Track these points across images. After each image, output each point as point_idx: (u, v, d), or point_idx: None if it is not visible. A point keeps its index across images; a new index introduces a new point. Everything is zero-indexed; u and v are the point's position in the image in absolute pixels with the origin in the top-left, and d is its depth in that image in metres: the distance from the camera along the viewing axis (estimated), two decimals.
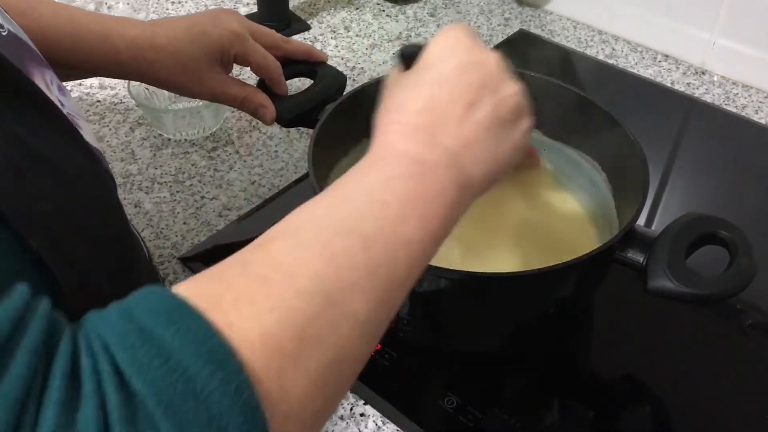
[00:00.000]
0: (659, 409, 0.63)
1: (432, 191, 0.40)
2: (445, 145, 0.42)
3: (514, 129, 0.46)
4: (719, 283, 0.54)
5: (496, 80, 0.45)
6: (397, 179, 0.40)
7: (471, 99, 0.44)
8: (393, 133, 0.43)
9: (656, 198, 0.80)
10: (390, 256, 0.37)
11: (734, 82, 0.97)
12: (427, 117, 0.43)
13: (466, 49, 0.46)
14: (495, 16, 1.09)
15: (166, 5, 1.08)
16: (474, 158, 0.43)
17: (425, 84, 0.44)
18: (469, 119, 0.43)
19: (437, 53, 0.46)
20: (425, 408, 0.59)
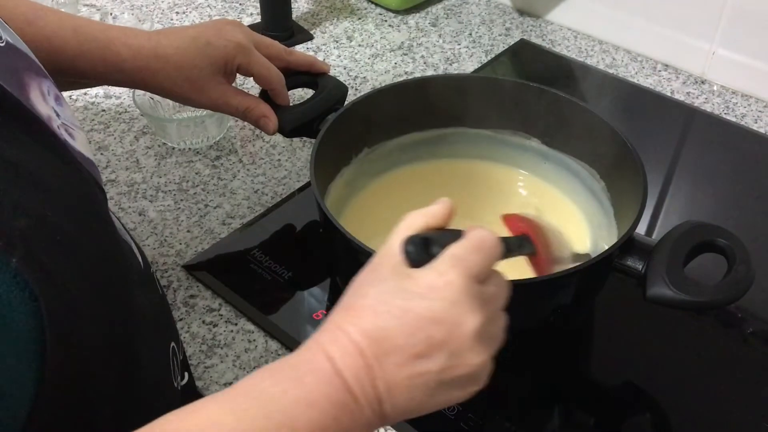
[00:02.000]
0: (660, 417, 0.63)
1: (343, 427, 0.39)
2: (376, 384, 0.40)
3: (456, 391, 0.43)
4: (717, 290, 0.54)
5: (461, 345, 0.41)
6: (316, 406, 0.38)
7: (420, 351, 0.40)
8: (337, 342, 0.40)
9: (657, 206, 0.81)
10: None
11: (734, 91, 0.97)
12: (373, 348, 0.40)
13: (453, 302, 0.41)
14: (496, 25, 1.10)
15: (171, 15, 1.09)
16: (396, 405, 0.41)
17: (394, 309, 0.41)
18: (410, 369, 0.40)
19: (431, 281, 0.42)
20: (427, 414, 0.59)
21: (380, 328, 0.40)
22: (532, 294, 0.58)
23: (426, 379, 0.41)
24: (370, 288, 0.42)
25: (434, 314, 0.41)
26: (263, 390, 0.38)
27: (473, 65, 1.01)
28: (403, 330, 0.40)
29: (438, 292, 0.41)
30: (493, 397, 0.61)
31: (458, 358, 0.41)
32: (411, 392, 0.41)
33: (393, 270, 0.43)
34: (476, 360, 0.42)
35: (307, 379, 0.39)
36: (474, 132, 0.77)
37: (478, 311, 0.42)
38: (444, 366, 0.41)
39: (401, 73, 0.99)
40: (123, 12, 1.09)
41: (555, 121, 0.72)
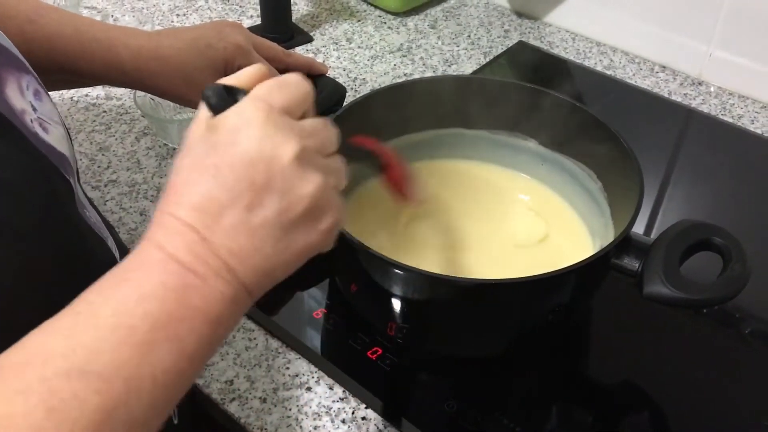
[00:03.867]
0: (658, 415, 0.63)
1: (193, 307, 0.36)
2: (217, 252, 0.38)
3: (308, 231, 0.40)
4: (713, 288, 0.55)
5: (287, 179, 0.39)
6: (152, 297, 0.36)
7: (251, 201, 0.38)
8: (165, 227, 0.38)
9: (655, 206, 0.81)
10: (131, 395, 0.33)
11: (730, 92, 0.98)
12: (200, 217, 0.38)
13: (261, 136, 0.39)
14: (495, 27, 1.10)
15: (171, 17, 1.10)
16: (250, 268, 0.39)
17: (208, 169, 0.39)
18: (246, 224, 0.38)
19: (234, 123, 0.40)
20: (426, 412, 0.60)
21: (200, 195, 0.38)
22: (529, 293, 0.58)
23: (268, 229, 0.39)
24: (182, 162, 0.40)
25: (246, 156, 0.39)
26: (90, 302, 0.36)
27: (472, 67, 1.01)
28: (222, 187, 0.38)
29: (243, 132, 0.39)
30: (493, 395, 0.62)
31: (290, 193, 0.39)
32: (258, 249, 0.39)
33: (200, 133, 0.41)
34: (309, 188, 0.40)
35: (133, 275, 0.37)
36: (472, 133, 0.77)
37: (291, 140, 0.39)
38: (279, 207, 0.39)
39: (400, 75, 1.00)
40: (124, 14, 1.10)
41: (552, 122, 0.73)
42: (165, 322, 0.35)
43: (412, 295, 0.59)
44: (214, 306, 0.37)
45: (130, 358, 0.34)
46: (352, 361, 0.63)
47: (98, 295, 0.36)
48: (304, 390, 0.62)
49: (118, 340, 0.34)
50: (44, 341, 0.34)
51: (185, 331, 0.36)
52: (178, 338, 0.36)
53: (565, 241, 0.71)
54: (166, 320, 0.35)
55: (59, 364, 0.33)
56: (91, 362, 0.33)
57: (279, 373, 0.63)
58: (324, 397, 0.61)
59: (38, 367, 0.32)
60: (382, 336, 0.64)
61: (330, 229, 0.42)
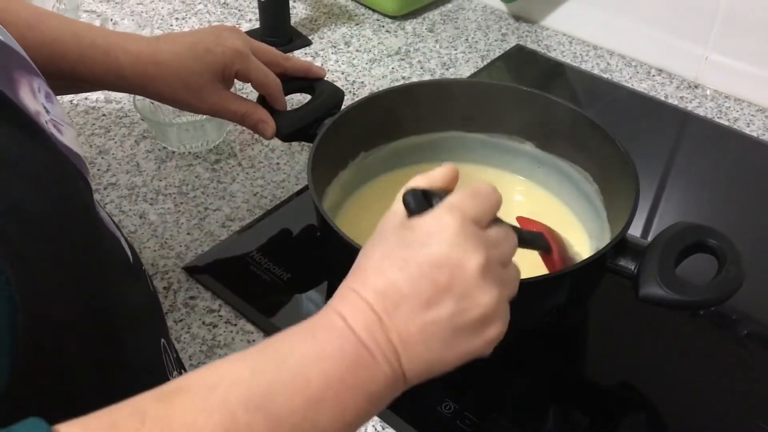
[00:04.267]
0: (655, 416, 0.64)
1: (360, 381, 0.39)
2: (389, 337, 0.40)
3: (473, 338, 0.42)
4: (708, 290, 0.55)
5: (467, 287, 0.41)
6: (330, 359, 0.38)
7: (431, 299, 0.41)
8: (349, 302, 0.41)
9: (652, 209, 0.82)
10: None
11: (727, 95, 0.99)
12: (381, 301, 0.41)
13: (453, 244, 0.42)
14: (492, 31, 1.11)
15: (170, 21, 1.10)
16: (414, 358, 0.41)
17: (397, 261, 0.41)
18: (421, 318, 0.41)
19: (427, 229, 0.42)
20: (423, 413, 0.60)
21: (386, 282, 0.41)
22: (526, 294, 0.58)
23: (439, 327, 0.41)
24: (374, 249, 0.43)
25: (435, 258, 0.41)
26: (277, 348, 0.39)
27: (470, 70, 1.02)
28: (407, 279, 0.41)
29: (436, 236, 0.42)
30: (490, 396, 0.62)
31: (467, 299, 0.41)
32: (426, 342, 0.41)
33: (394, 227, 0.44)
34: (485, 299, 0.42)
35: (319, 334, 0.40)
36: (470, 136, 0.78)
37: (478, 250, 0.42)
38: (454, 310, 0.41)
39: (398, 78, 1.00)
40: (123, 18, 1.10)
41: (549, 125, 0.73)
42: (336, 385, 0.38)
43: None
44: (376, 384, 0.39)
45: (299, 409, 0.36)
46: None
47: (286, 343, 0.39)
48: None
49: (294, 388, 0.37)
50: (233, 369, 0.37)
51: (349, 398, 0.38)
52: (342, 403, 0.38)
53: None
54: (337, 384, 0.38)
55: (242, 393, 0.35)
56: (268, 400, 0.36)
57: None
58: None
59: (224, 391, 0.35)
60: None
61: (494, 339, 0.44)
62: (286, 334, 0.40)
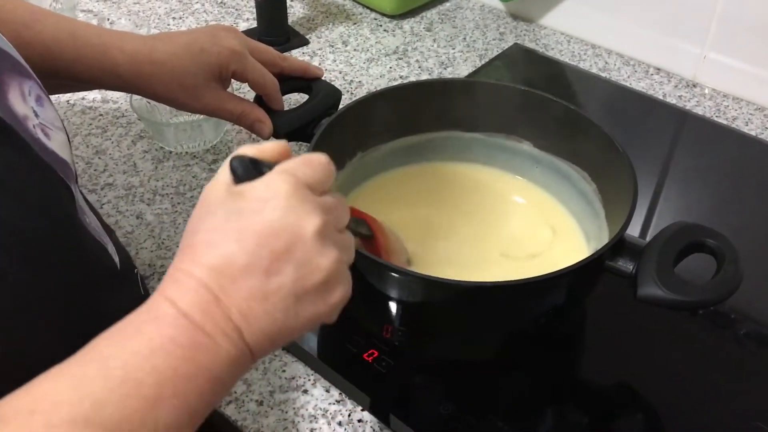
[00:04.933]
0: (653, 417, 0.63)
1: (199, 367, 0.37)
2: (228, 314, 0.39)
3: (316, 302, 0.42)
4: (706, 290, 0.55)
5: (307, 251, 0.41)
6: (161, 351, 0.36)
7: (270, 268, 0.39)
8: (179, 284, 0.39)
9: (650, 208, 0.82)
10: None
11: (725, 94, 0.98)
12: (216, 278, 0.39)
13: (286, 207, 0.41)
14: (490, 30, 1.11)
15: (167, 20, 1.10)
16: (257, 331, 0.39)
17: (231, 233, 0.40)
18: (261, 289, 0.39)
19: (258, 195, 0.41)
20: (421, 414, 0.60)
21: (221, 256, 0.39)
22: (524, 295, 0.58)
23: (281, 296, 0.40)
24: (202, 222, 0.41)
25: (271, 225, 0.40)
26: (99, 351, 0.37)
27: (467, 69, 1.02)
28: (243, 251, 0.39)
29: (270, 202, 0.40)
30: (488, 397, 0.62)
31: (307, 265, 0.40)
32: (269, 314, 0.39)
33: (221, 197, 0.42)
34: (325, 262, 0.41)
35: (146, 327, 0.38)
36: (468, 136, 0.77)
37: (314, 214, 0.41)
38: (295, 277, 0.40)
39: (396, 78, 1.00)
40: (120, 17, 1.10)
41: (547, 124, 0.73)
42: (171, 379, 0.36)
43: (407, 297, 0.59)
44: (218, 365, 0.38)
45: (135, 412, 0.34)
46: (349, 364, 0.63)
47: (108, 346, 0.37)
48: (301, 393, 0.62)
49: (125, 393, 0.35)
50: (52, 388, 0.34)
51: (190, 388, 0.37)
52: (183, 395, 0.36)
53: (560, 243, 0.71)
54: (172, 376, 0.36)
55: (65, 412, 0.33)
56: (97, 413, 0.34)
57: (275, 376, 0.63)
58: (320, 399, 0.62)
59: (44, 415, 0.33)
60: (378, 338, 0.64)
61: (338, 302, 0.43)
62: (111, 334, 0.38)
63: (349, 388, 0.62)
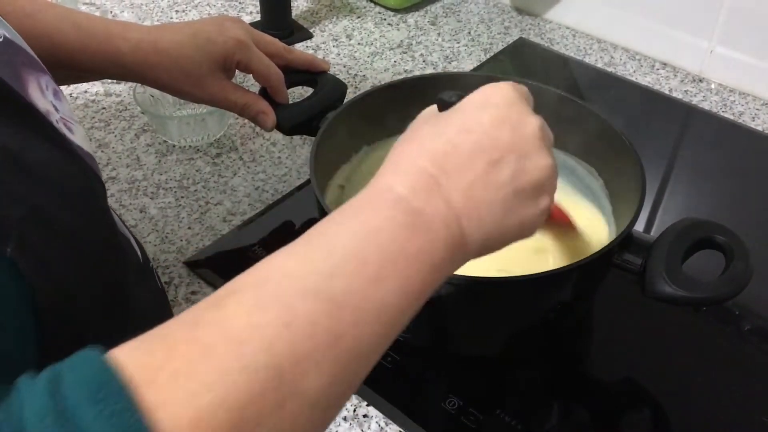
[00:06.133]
0: (659, 412, 0.63)
1: (419, 248, 0.37)
2: (449, 198, 0.38)
3: (529, 204, 0.42)
4: (715, 287, 0.54)
5: (528, 146, 0.41)
6: (384, 231, 0.36)
7: (494, 157, 0.40)
8: (397, 173, 0.39)
9: (656, 203, 0.81)
10: (357, 324, 0.34)
11: (731, 89, 0.98)
12: (440, 162, 0.39)
13: (509, 104, 0.42)
14: (495, 24, 1.10)
15: (170, 13, 1.09)
16: (477, 220, 0.39)
17: (452, 125, 0.41)
18: (485, 178, 0.39)
19: (477, 99, 0.42)
20: (427, 409, 0.60)
21: (447, 142, 0.40)
22: (530, 290, 0.58)
23: (502, 187, 0.40)
24: (415, 134, 0.42)
25: (495, 116, 0.41)
26: (324, 233, 0.37)
27: (472, 63, 1.01)
28: (469, 139, 0.40)
29: (491, 98, 0.42)
30: (494, 392, 0.62)
31: (527, 160, 0.41)
32: (490, 204, 0.40)
33: (433, 115, 0.43)
34: (543, 161, 0.42)
35: (366, 210, 0.38)
36: None
37: (534, 115, 0.43)
38: (515, 169, 0.40)
39: (400, 72, 0.99)
40: (123, 10, 1.09)
41: (553, 119, 0.72)
42: (394, 258, 0.36)
43: None
44: (436, 250, 0.37)
45: (360, 289, 0.34)
46: None
47: (330, 227, 0.37)
48: None
49: (350, 270, 0.35)
50: (281, 264, 0.35)
51: (411, 268, 0.36)
52: (404, 276, 0.36)
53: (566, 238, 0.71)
54: (395, 256, 0.36)
55: (295, 285, 0.33)
56: (325, 287, 0.34)
57: None
58: None
59: (275, 286, 0.33)
60: None
61: (545, 210, 0.43)
62: (331, 218, 0.38)
63: None
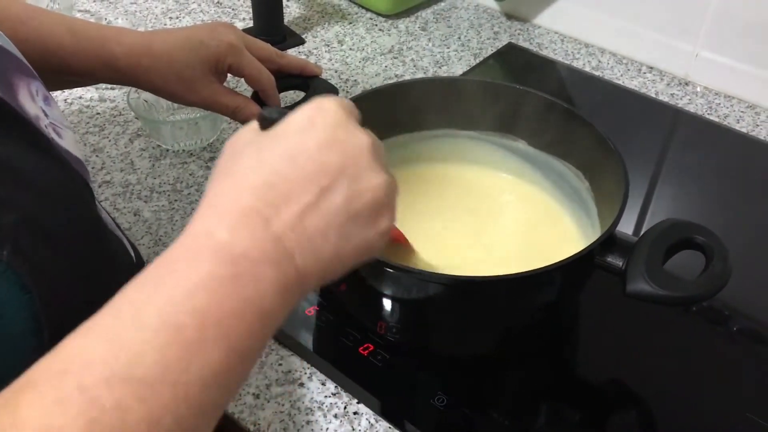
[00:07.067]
0: (646, 412, 0.64)
1: (245, 299, 0.33)
2: (277, 234, 0.35)
3: (367, 227, 0.39)
4: (695, 286, 0.56)
5: (359, 167, 0.39)
6: (200, 290, 0.33)
7: (323, 183, 0.37)
8: (217, 215, 0.36)
9: (643, 206, 0.83)
10: (180, 399, 0.31)
11: (716, 92, 0.99)
12: (265, 196, 0.36)
13: (334, 125, 0.39)
14: (484, 29, 1.11)
15: (164, 20, 1.10)
16: (312, 253, 0.36)
17: (274, 154, 0.37)
18: (315, 207, 0.37)
19: (300, 122, 0.39)
20: (416, 406, 0.61)
21: (271, 173, 0.36)
22: (515, 289, 0.59)
23: (335, 213, 0.37)
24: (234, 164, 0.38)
25: (322, 139, 0.38)
26: (131, 299, 0.33)
27: (462, 68, 1.03)
28: (295, 166, 0.37)
29: (317, 120, 0.39)
30: (482, 390, 0.63)
31: (360, 181, 0.39)
32: (324, 233, 0.37)
33: (252, 138, 0.39)
34: (376, 180, 0.39)
35: (182, 265, 0.34)
36: (462, 134, 0.78)
37: (364, 132, 0.40)
38: (348, 194, 0.38)
39: (391, 76, 1.01)
40: (117, 17, 1.10)
41: (541, 123, 0.74)
42: (215, 318, 0.32)
43: (400, 293, 0.60)
44: (266, 297, 0.34)
45: (177, 361, 0.31)
46: (344, 358, 0.64)
47: (140, 292, 0.33)
48: (297, 386, 0.63)
49: (164, 341, 0.31)
50: (83, 346, 0.31)
51: (236, 325, 0.33)
52: (229, 334, 0.33)
53: (553, 240, 0.72)
54: (216, 315, 0.33)
55: (99, 371, 0.30)
56: (135, 367, 0.30)
57: (272, 369, 0.64)
58: (316, 392, 0.62)
59: (77, 375, 0.30)
60: (373, 333, 0.65)
61: (385, 232, 0.41)
62: (141, 279, 0.34)
63: (345, 381, 0.63)
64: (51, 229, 0.39)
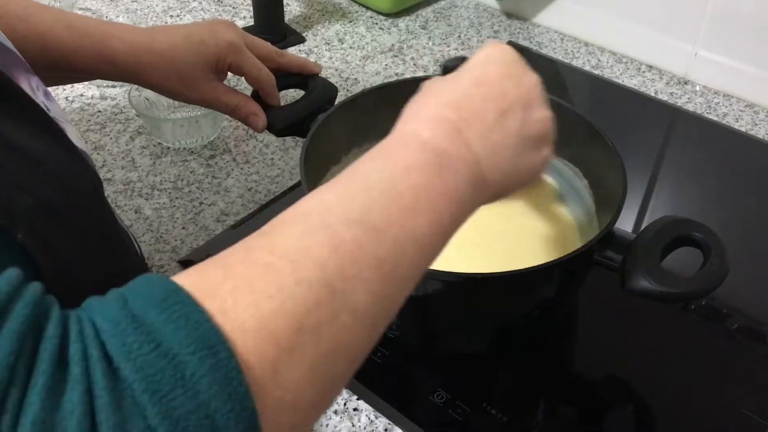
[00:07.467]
0: (643, 407, 0.64)
1: (448, 186, 0.40)
2: (469, 142, 0.42)
3: (535, 152, 0.46)
4: (692, 282, 0.56)
5: (531, 99, 0.46)
6: (415, 170, 0.39)
7: (504, 107, 0.44)
8: (419, 120, 0.43)
9: (643, 204, 0.83)
10: (396, 251, 0.36)
11: (716, 91, 1.00)
12: (457, 111, 0.43)
13: (510, 61, 0.47)
14: (485, 28, 1.12)
15: (165, 18, 1.11)
16: (494, 164, 0.43)
17: (463, 80, 0.45)
18: (498, 125, 0.44)
19: (481, 58, 0.47)
20: (415, 402, 0.61)
21: (462, 94, 0.44)
22: (514, 286, 0.59)
23: (513, 133, 0.44)
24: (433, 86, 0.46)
25: (500, 71, 0.45)
26: (358, 171, 0.40)
27: None
28: (480, 92, 0.44)
29: (493, 56, 0.46)
30: (481, 386, 0.63)
31: (531, 111, 0.46)
32: (505, 148, 0.44)
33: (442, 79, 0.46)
34: (544, 113, 0.47)
35: (396, 152, 0.41)
36: None
37: (532, 70, 0.47)
38: (522, 119, 0.45)
39: (392, 75, 1.01)
40: (118, 15, 1.11)
41: None
42: (426, 194, 0.39)
43: None
44: (464, 189, 0.41)
45: (397, 220, 0.37)
46: None
47: (363, 168, 0.40)
48: None
49: (387, 202, 0.37)
50: (321, 198, 0.37)
51: (442, 204, 0.39)
52: (436, 210, 0.39)
53: (552, 237, 0.72)
54: (427, 192, 0.39)
55: (339, 215, 0.36)
56: (366, 217, 0.36)
57: None
58: None
59: (320, 215, 0.36)
60: None
61: (546, 160, 0.48)
62: (363, 161, 0.41)
63: None
64: (66, 215, 0.40)
